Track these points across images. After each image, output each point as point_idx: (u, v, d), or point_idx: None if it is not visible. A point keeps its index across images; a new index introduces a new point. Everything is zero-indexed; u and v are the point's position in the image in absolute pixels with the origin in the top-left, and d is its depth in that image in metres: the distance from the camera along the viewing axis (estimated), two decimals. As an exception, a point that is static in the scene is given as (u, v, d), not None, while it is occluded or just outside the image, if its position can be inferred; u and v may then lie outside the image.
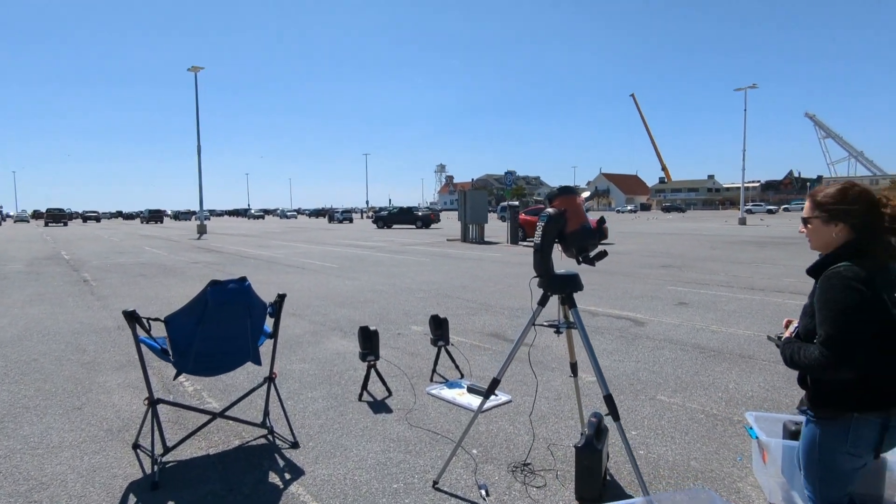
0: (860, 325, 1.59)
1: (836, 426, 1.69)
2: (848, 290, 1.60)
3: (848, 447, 1.68)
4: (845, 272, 1.63)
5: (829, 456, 1.72)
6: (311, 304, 8.38)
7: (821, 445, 1.73)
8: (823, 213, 1.77)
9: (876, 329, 1.61)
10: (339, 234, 30.88)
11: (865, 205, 1.71)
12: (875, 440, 1.65)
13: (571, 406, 4.01)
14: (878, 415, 1.64)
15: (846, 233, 1.73)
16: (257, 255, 17.22)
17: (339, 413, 3.94)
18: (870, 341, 1.59)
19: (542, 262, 2.68)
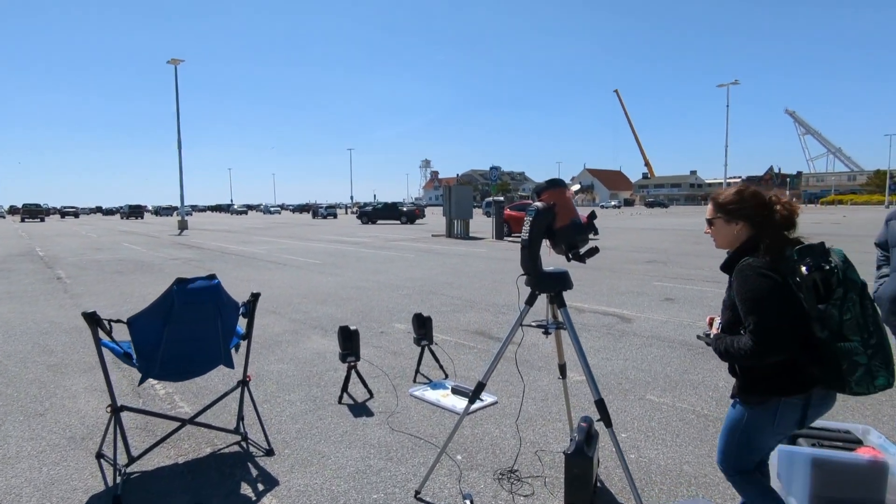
0: (780, 309, 1.74)
1: (763, 410, 1.85)
2: (761, 278, 1.76)
3: (774, 428, 1.87)
4: (754, 263, 1.81)
5: (753, 435, 1.91)
6: (292, 302, 8.17)
7: (747, 426, 1.91)
8: (725, 214, 1.96)
9: (794, 312, 1.75)
10: (322, 229, 30.53)
11: (759, 203, 1.92)
12: (798, 418, 1.84)
13: (559, 407, 3.89)
14: (801, 397, 1.81)
15: (747, 229, 1.92)
16: (238, 251, 16.90)
17: (318, 417, 3.76)
18: (791, 324, 1.73)
19: (530, 258, 2.54)
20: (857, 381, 1.71)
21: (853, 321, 1.70)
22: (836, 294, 1.70)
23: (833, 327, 1.71)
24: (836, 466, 2.37)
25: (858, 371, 1.70)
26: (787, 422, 1.86)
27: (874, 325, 1.73)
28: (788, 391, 1.81)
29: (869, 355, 1.70)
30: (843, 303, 1.70)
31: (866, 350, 1.70)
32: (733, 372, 1.97)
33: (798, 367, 1.79)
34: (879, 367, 1.71)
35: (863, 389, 1.73)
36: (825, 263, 1.73)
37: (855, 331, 1.70)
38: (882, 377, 1.71)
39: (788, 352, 1.74)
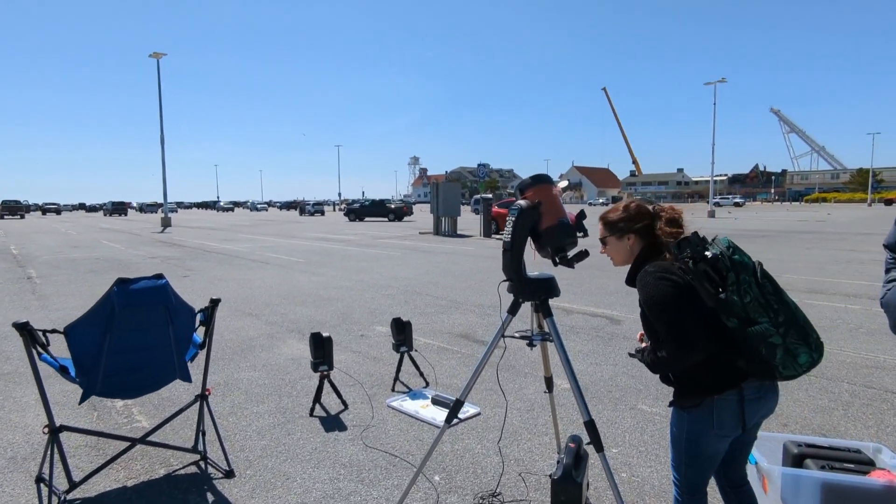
0: (685, 308, 1.74)
1: (700, 412, 1.81)
2: (660, 282, 1.78)
3: (715, 429, 1.80)
4: (650, 269, 1.83)
5: (697, 441, 1.85)
6: (271, 303, 7.86)
7: (689, 433, 1.86)
8: (615, 231, 2.01)
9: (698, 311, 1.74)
10: (309, 227, 30.11)
11: (644, 214, 1.99)
12: (737, 415, 1.79)
13: (545, 419, 3.65)
14: (734, 392, 1.77)
15: (638, 242, 1.98)
16: (221, 249, 16.50)
17: (286, 432, 3.49)
18: (699, 320, 1.73)
19: (513, 263, 2.29)
20: (780, 363, 1.68)
21: (755, 302, 1.68)
22: (729, 279, 1.69)
23: (739, 313, 1.69)
24: (848, 491, 2.15)
25: (778, 353, 1.67)
26: (727, 420, 1.81)
27: (778, 303, 1.70)
28: (719, 388, 1.79)
29: (782, 334, 1.67)
30: (739, 286, 1.69)
31: (778, 329, 1.68)
32: (667, 380, 1.94)
33: (724, 363, 1.78)
34: (797, 343, 1.68)
35: (790, 371, 1.70)
36: (706, 251, 1.74)
37: (760, 312, 1.68)
38: (804, 353, 1.68)
39: (706, 348, 1.73)
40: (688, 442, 1.89)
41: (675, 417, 1.94)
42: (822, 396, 4.03)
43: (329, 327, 6.33)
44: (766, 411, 1.88)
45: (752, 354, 1.72)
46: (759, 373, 1.76)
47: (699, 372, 1.80)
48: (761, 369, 1.74)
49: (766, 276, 1.76)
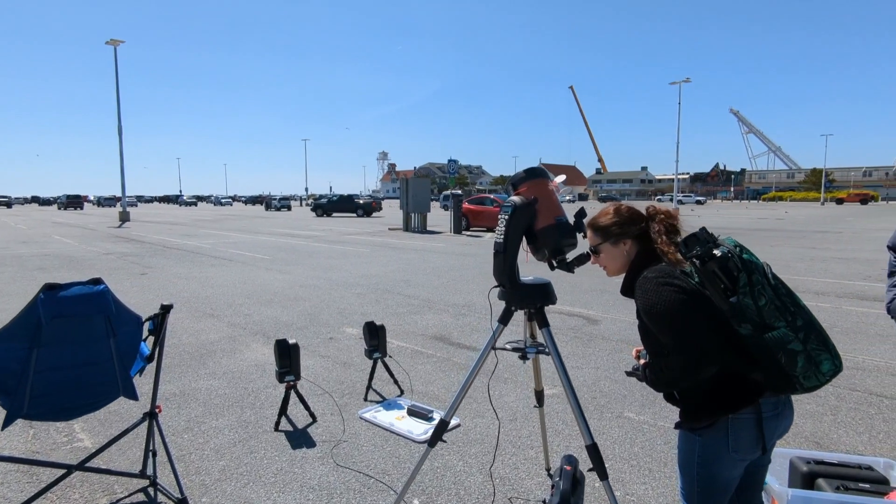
0: (694, 315, 1.56)
1: (714, 433, 1.62)
2: (663, 288, 1.59)
3: (731, 452, 1.62)
4: (650, 274, 1.65)
5: (711, 467, 1.66)
6: (234, 303, 7.44)
7: (701, 457, 1.66)
8: (610, 237, 1.82)
9: (709, 314, 1.57)
10: (275, 222, 29.32)
11: (638, 217, 1.81)
12: (755, 436, 1.61)
13: (531, 430, 3.43)
14: (751, 409, 1.59)
15: (634, 246, 1.80)
16: (182, 245, 15.79)
17: (248, 450, 3.17)
18: (711, 328, 1.55)
19: (506, 267, 2.05)
20: (802, 373, 1.51)
21: (771, 305, 1.52)
22: (740, 281, 1.53)
23: (753, 318, 1.52)
24: (865, 515, 1.99)
25: (799, 360, 1.51)
26: (745, 442, 1.62)
27: (794, 305, 1.55)
28: (735, 405, 1.60)
29: (802, 339, 1.51)
30: (752, 288, 1.53)
31: (797, 334, 1.51)
32: (672, 399, 1.75)
33: (738, 376, 1.60)
34: (819, 349, 1.52)
35: (812, 382, 1.53)
36: (716, 249, 1.57)
37: (777, 316, 1.52)
38: (826, 361, 1.52)
39: (719, 360, 1.55)
40: (700, 467, 1.68)
41: (683, 441, 1.74)
42: (809, 401, 3.93)
43: (296, 329, 5.99)
44: (784, 430, 1.69)
45: (770, 364, 1.54)
46: (777, 386, 1.57)
47: (711, 387, 1.62)
48: (780, 382, 1.56)
49: (777, 278, 1.60)
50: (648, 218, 1.80)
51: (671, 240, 1.72)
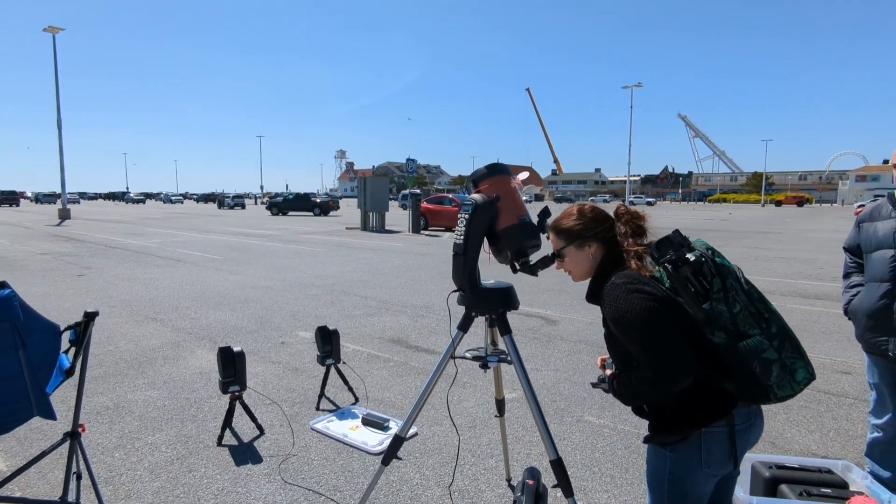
0: (666, 324, 1.46)
1: (686, 448, 1.54)
2: (633, 295, 1.49)
3: (703, 467, 1.54)
4: (618, 280, 1.54)
5: (683, 483, 1.58)
6: (179, 306, 7.04)
7: (672, 473, 1.57)
8: (575, 239, 1.71)
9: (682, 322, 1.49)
10: (227, 220, 28.36)
11: (603, 217, 1.72)
12: (727, 449, 1.53)
13: (490, 438, 3.31)
14: (724, 422, 1.52)
15: (600, 249, 1.69)
16: (126, 245, 14.99)
17: (187, 468, 2.92)
18: (684, 337, 1.46)
19: (466, 269, 1.91)
20: (777, 382, 1.45)
21: (745, 312, 1.46)
22: (714, 286, 1.47)
23: (727, 326, 1.46)
24: (829, 521, 1.96)
25: (774, 370, 1.44)
26: (717, 457, 1.54)
27: (768, 311, 1.49)
28: (708, 419, 1.51)
29: (776, 347, 1.45)
30: (727, 294, 1.46)
31: (772, 342, 1.45)
32: (641, 412, 1.65)
33: (711, 387, 1.52)
34: (793, 357, 1.47)
35: (787, 392, 1.47)
36: (689, 253, 1.49)
37: (751, 323, 1.46)
38: (801, 369, 1.47)
39: (693, 371, 1.46)
40: (671, 484, 1.59)
41: (653, 456, 1.64)
42: (763, 399, 3.98)
43: (245, 333, 5.70)
44: (754, 440, 1.61)
45: (744, 374, 1.46)
46: (751, 396, 1.50)
47: (683, 400, 1.52)
48: (754, 391, 1.48)
49: (750, 283, 1.54)
50: (615, 218, 1.70)
51: (638, 241, 1.63)
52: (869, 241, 2.49)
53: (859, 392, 4.15)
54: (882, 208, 2.49)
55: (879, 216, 2.48)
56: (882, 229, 2.42)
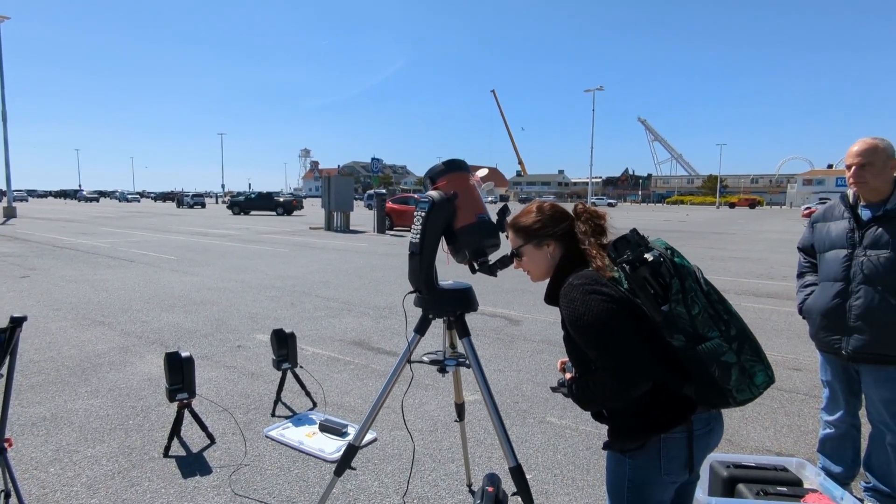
0: (625, 327, 1.43)
1: (645, 455, 1.50)
2: (590, 298, 1.45)
3: (662, 474, 1.50)
4: (576, 281, 1.51)
5: (643, 491, 1.54)
6: (130, 308, 6.73)
7: (632, 481, 1.54)
8: (533, 238, 1.66)
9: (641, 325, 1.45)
10: (186, 220, 27.49)
11: (562, 215, 1.68)
12: (685, 456, 1.49)
13: (451, 442, 3.25)
14: (682, 428, 1.48)
15: (558, 248, 1.65)
16: (75, 245, 14.31)
17: (129, 482, 2.75)
18: (643, 341, 1.43)
19: (423, 269, 1.84)
20: (736, 386, 1.41)
21: (704, 314, 1.42)
22: (672, 287, 1.42)
23: (686, 328, 1.41)
24: (785, 520, 1.97)
25: (733, 373, 1.40)
26: (676, 464, 1.50)
27: (727, 313, 1.45)
28: (667, 424, 1.48)
29: (735, 350, 1.41)
30: (686, 295, 1.42)
31: (731, 345, 1.41)
32: (600, 417, 1.61)
33: (670, 392, 1.48)
34: (752, 361, 1.43)
35: (746, 395, 1.43)
36: (647, 253, 1.44)
37: (710, 325, 1.41)
38: (760, 372, 1.43)
39: (653, 375, 1.43)
40: (630, 492, 1.55)
41: (612, 463, 1.60)
42: (720, 397, 4.04)
43: (200, 337, 5.48)
44: (714, 445, 1.58)
45: (703, 378, 1.42)
46: (710, 400, 1.47)
47: (641, 405, 1.49)
48: (713, 396, 1.45)
49: (710, 284, 1.50)
50: (574, 217, 1.65)
51: (597, 241, 1.59)
52: (822, 241, 2.52)
53: (810, 388, 4.27)
54: (835, 209, 2.53)
55: (832, 217, 2.52)
56: (835, 230, 2.46)
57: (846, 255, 2.38)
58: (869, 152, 2.29)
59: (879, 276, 2.28)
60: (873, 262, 2.29)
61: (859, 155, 2.30)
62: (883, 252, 2.27)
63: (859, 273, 2.33)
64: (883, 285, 2.27)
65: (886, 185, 2.31)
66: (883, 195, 2.33)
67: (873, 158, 2.28)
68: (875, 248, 2.30)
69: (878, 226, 2.31)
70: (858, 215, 2.40)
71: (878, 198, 2.34)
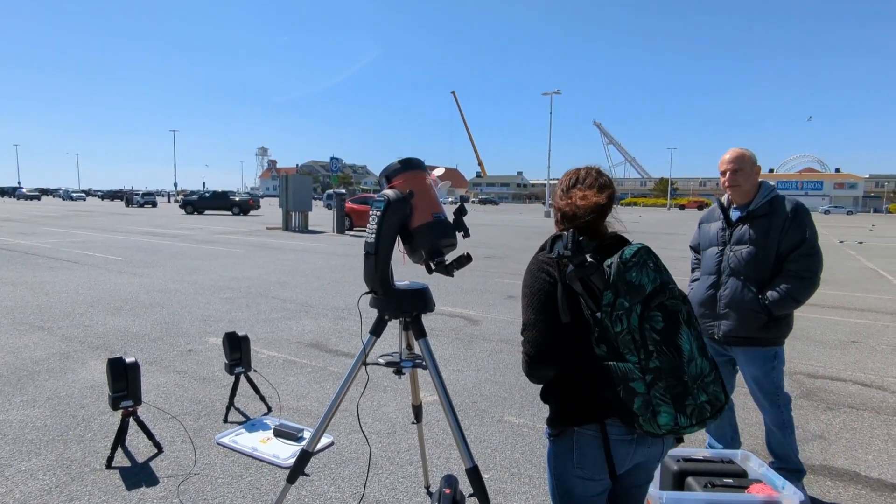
0: (548, 312, 1.45)
1: (563, 444, 1.52)
2: (537, 273, 1.50)
3: (575, 467, 1.50)
4: (540, 257, 1.54)
5: (562, 479, 1.55)
6: (72, 312, 6.40)
7: (553, 468, 1.57)
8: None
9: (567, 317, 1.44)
10: (136, 219, 26.41)
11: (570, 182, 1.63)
12: (601, 458, 1.46)
13: (409, 444, 3.22)
14: (594, 426, 1.46)
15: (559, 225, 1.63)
16: (13, 245, 13.52)
17: (68, 496, 2.60)
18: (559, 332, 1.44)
19: (378, 270, 1.81)
20: (641, 414, 1.36)
21: (626, 335, 1.35)
22: (604, 299, 1.37)
23: (611, 341, 1.38)
24: (732, 511, 2.04)
25: (636, 401, 1.35)
26: (589, 460, 1.47)
27: (659, 345, 1.34)
28: (579, 418, 1.48)
29: (648, 382, 1.34)
30: (613, 310, 1.36)
31: (644, 375, 1.34)
32: (544, 397, 1.60)
33: (590, 389, 1.46)
34: (662, 399, 1.33)
35: (649, 428, 1.36)
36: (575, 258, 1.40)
37: (630, 349, 1.35)
38: (665, 414, 1.33)
39: (559, 362, 1.47)
40: (553, 478, 1.59)
41: (548, 448, 1.62)
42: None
43: (148, 341, 5.26)
44: (647, 457, 1.52)
45: (614, 393, 1.39)
46: (622, 416, 1.42)
47: (560, 394, 1.54)
48: (623, 413, 1.41)
49: (665, 311, 1.38)
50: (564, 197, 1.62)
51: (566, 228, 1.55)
52: (704, 239, 2.84)
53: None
54: (714, 211, 2.85)
55: (712, 218, 2.84)
56: (712, 230, 2.79)
57: (719, 251, 2.70)
58: (739, 159, 2.59)
59: (742, 268, 2.58)
60: (738, 257, 2.60)
61: (732, 161, 2.60)
62: (745, 248, 2.58)
63: (727, 267, 2.64)
64: (745, 277, 2.57)
65: (753, 189, 2.62)
66: (749, 197, 2.64)
67: (742, 164, 2.58)
68: (739, 244, 2.61)
69: (742, 224, 2.62)
70: (729, 216, 2.71)
71: (746, 199, 2.64)
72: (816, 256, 2.53)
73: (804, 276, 2.50)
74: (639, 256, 1.40)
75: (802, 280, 2.50)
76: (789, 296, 2.49)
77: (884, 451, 3.30)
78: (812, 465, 3.07)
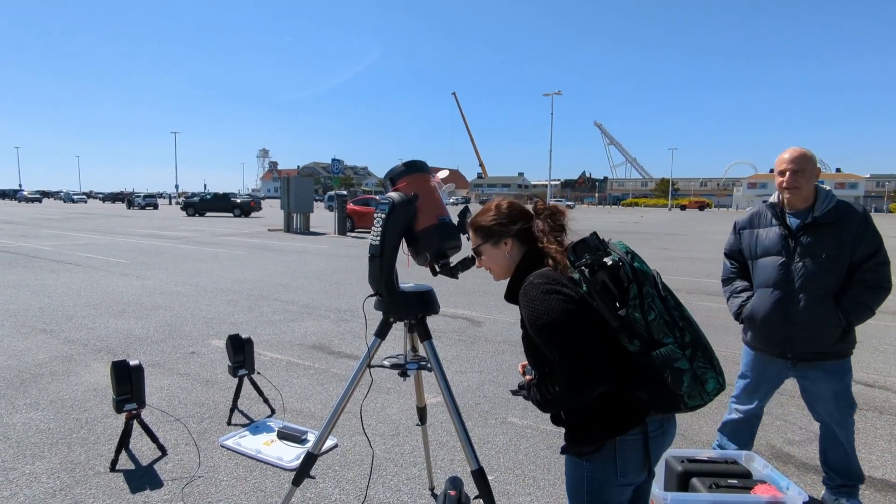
0: (582, 328, 1.43)
1: (602, 458, 1.50)
2: (549, 298, 1.45)
3: (619, 477, 1.51)
4: (535, 280, 1.50)
5: (601, 493, 1.53)
6: (74, 315, 6.41)
7: (591, 483, 1.53)
8: (491, 237, 1.65)
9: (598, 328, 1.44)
10: (137, 221, 26.44)
11: (518, 212, 1.67)
12: (641, 458, 1.50)
13: (413, 445, 3.22)
14: (638, 430, 1.49)
15: (517, 246, 1.64)
16: (14, 248, 13.54)
17: (72, 499, 2.60)
18: (601, 343, 1.42)
19: (383, 272, 1.81)
20: (687, 392, 1.42)
21: (660, 320, 1.41)
22: (630, 292, 1.41)
23: (642, 334, 1.41)
24: (737, 512, 2.03)
25: (685, 379, 1.41)
26: (632, 466, 1.51)
27: (683, 319, 1.46)
28: (623, 427, 1.48)
29: (689, 356, 1.42)
30: (643, 301, 1.41)
31: (684, 351, 1.42)
32: (558, 420, 1.59)
33: (624, 395, 1.48)
34: (704, 367, 1.44)
35: (697, 402, 1.45)
36: (606, 258, 1.44)
37: (665, 331, 1.42)
38: (711, 379, 1.44)
39: (610, 378, 1.42)
40: (590, 495, 1.54)
41: (570, 467, 1.59)
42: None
43: (151, 344, 5.27)
44: (667, 445, 1.60)
45: (656, 384, 1.43)
46: (662, 405, 1.47)
47: (597, 408, 1.48)
48: (665, 401, 1.46)
49: (668, 290, 1.51)
50: (534, 215, 1.64)
51: (557, 239, 1.58)
52: (753, 247, 2.58)
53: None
54: (762, 216, 2.59)
55: (760, 224, 2.58)
56: (768, 237, 2.52)
57: (783, 262, 2.45)
58: (801, 159, 2.39)
59: (819, 281, 2.38)
60: (813, 268, 2.38)
61: (793, 161, 2.39)
62: (820, 259, 2.37)
63: (799, 279, 2.40)
64: (822, 289, 2.38)
65: (812, 193, 2.43)
66: (809, 202, 2.43)
67: (805, 165, 2.38)
68: (811, 254, 2.39)
69: (809, 232, 2.40)
70: (787, 223, 2.47)
71: (805, 205, 2.44)
72: (889, 264, 2.40)
73: (884, 285, 2.37)
74: (628, 248, 1.49)
75: (880, 290, 2.37)
76: (867, 306, 2.38)
77: (887, 451, 3.29)
78: (815, 466, 3.07)
